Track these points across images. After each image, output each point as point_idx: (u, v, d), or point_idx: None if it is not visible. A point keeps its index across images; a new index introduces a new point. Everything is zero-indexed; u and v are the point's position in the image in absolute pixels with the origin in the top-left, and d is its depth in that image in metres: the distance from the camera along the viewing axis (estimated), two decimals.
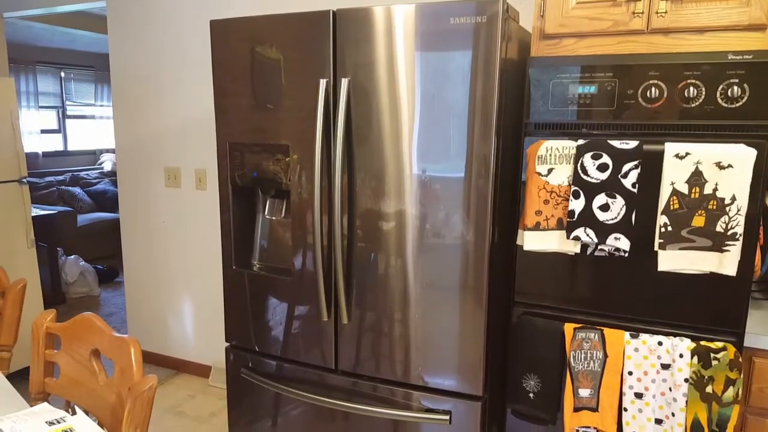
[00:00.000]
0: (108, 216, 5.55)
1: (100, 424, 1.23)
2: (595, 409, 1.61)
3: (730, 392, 1.46)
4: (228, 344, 1.96)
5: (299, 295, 1.79)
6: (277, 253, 1.94)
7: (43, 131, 6.34)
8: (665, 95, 1.42)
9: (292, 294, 1.81)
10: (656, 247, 1.48)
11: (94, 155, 7.00)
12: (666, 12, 1.47)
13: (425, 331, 1.64)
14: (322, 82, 1.62)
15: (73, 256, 4.46)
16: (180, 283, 3.16)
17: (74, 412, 1.13)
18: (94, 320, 1.29)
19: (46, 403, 1.17)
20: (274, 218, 1.94)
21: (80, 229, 5.12)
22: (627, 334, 1.54)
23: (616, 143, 1.47)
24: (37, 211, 4.04)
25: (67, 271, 4.32)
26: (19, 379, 1.51)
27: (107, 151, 7.02)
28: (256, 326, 1.89)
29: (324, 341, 1.78)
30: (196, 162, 2.96)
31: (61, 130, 6.61)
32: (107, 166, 6.73)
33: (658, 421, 1.55)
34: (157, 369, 3.28)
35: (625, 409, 1.57)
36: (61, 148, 6.61)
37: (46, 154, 6.34)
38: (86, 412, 1.27)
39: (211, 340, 3.12)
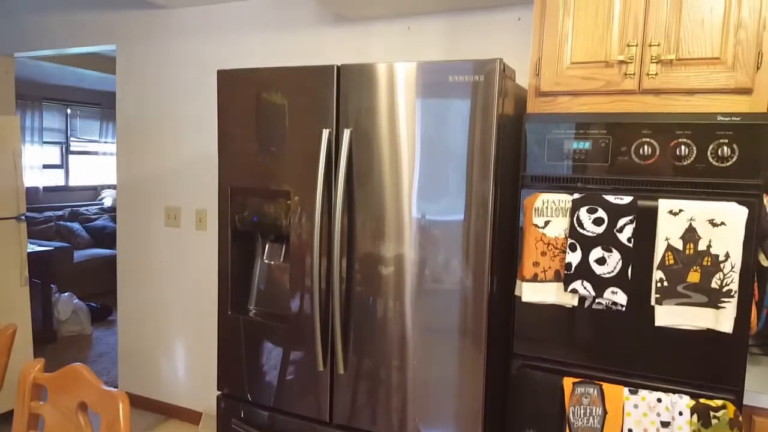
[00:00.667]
0: (105, 252, 5.52)
1: None
2: None
3: None
4: (220, 392, 1.92)
5: (295, 343, 1.77)
6: (274, 299, 1.92)
7: (45, 166, 6.37)
8: (658, 153, 1.44)
9: (288, 341, 1.78)
10: (653, 302, 1.47)
11: (95, 191, 7.02)
12: (657, 74, 1.50)
13: (423, 380, 1.62)
14: (325, 132, 1.64)
15: (66, 294, 4.41)
16: (174, 325, 3.12)
17: None
18: (83, 372, 1.27)
19: None
20: (272, 263, 1.93)
21: (76, 265, 5.09)
22: (626, 389, 1.52)
23: (611, 198, 1.48)
24: (33, 247, 4.02)
25: (60, 308, 4.26)
26: (2, 422, 1.46)
27: (108, 186, 7.04)
28: (249, 374, 1.86)
29: (319, 391, 1.75)
30: (197, 202, 2.97)
31: (63, 165, 6.64)
32: (107, 202, 6.74)
33: None
34: (145, 414, 3.21)
35: None
36: (62, 183, 6.63)
37: (46, 189, 6.36)
38: None
39: (203, 386, 3.06)
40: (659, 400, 1.48)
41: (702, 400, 1.45)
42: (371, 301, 1.66)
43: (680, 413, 1.46)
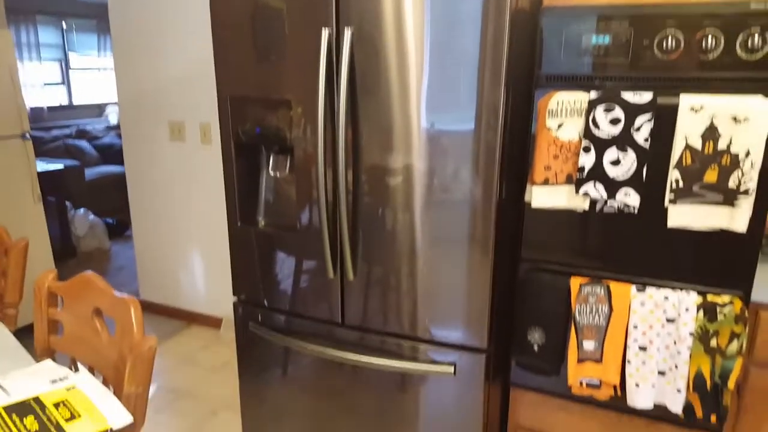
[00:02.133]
0: (116, 169, 5.47)
1: (105, 381, 1.21)
2: (599, 361, 1.59)
3: (734, 345, 1.43)
4: (236, 298, 1.93)
5: (305, 251, 1.75)
6: (282, 210, 1.88)
7: (47, 84, 6.17)
8: (682, 46, 1.33)
9: (298, 250, 1.76)
10: (666, 203, 1.42)
11: (99, 108, 6.84)
12: None
13: (431, 285, 1.60)
14: (324, 32, 1.52)
15: (82, 210, 4.41)
16: (189, 237, 3.12)
17: (77, 369, 1.09)
18: (95, 280, 1.25)
19: (49, 360, 1.15)
20: (278, 174, 1.87)
21: (88, 183, 5.05)
22: (633, 288, 1.50)
23: (630, 96, 1.38)
24: (43, 166, 3.97)
25: (77, 224, 4.28)
26: (27, 333, 1.47)
27: (113, 104, 6.86)
28: (263, 281, 1.85)
29: (331, 297, 1.74)
30: (201, 116, 2.87)
31: (65, 82, 6.43)
32: (113, 119, 6.61)
33: (662, 373, 1.53)
34: (169, 321, 3.29)
35: (629, 362, 1.55)
36: (65, 101, 6.46)
37: (51, 108, 6.20)
38: (91, 369, 1.25)
39: (222, 293, 3.11)
40: (666, 298, 1.47)
41: (709, 297, 1.43)
42: (379, 212, 1.61)
43: (686, 309, 1.44)
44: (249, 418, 2.02)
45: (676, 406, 1.53)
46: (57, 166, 4.20)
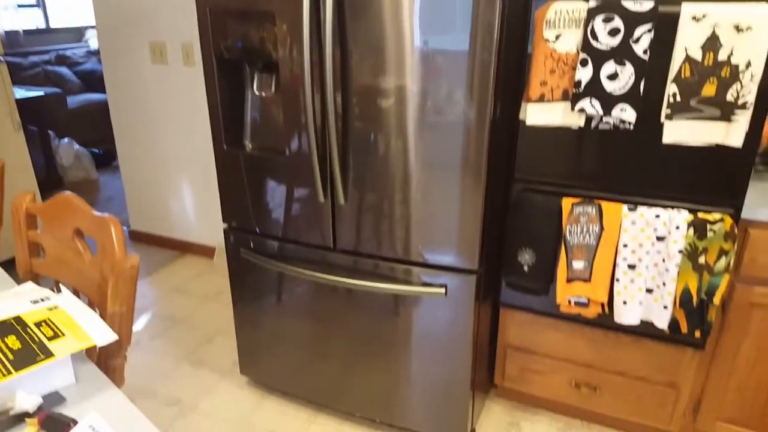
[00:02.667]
0: (99, 97, 5.29)
1: (90, 303, 1.20)
2: (587, 280, 1.60)
3: (722, 262, 1.44)
4: (226, 225, 1.90)
5: (295, 176, 1.71)
6: (269, 133, 1.83)
7: (20, 6, 5.85)
8: None
9: (288, 175, 1.72)
10: (663, 119, 1.38)
11: (79, 32, 6.53)
12: None
13: (423, 208, 1.58)
14: None
15: (66, 140, 4.30)
16: (177, 165, 3.06)
17: (59, 290, 1.08)
18: (73, 200, 1.22)
19: (30, 282, 1.12)
20: (263, 94, 1.79)
21: (71, 111, 4.90)
22: (625, 207, 1.49)
23: (630, 4, 1.31)
24: (22, 93, 3.83)
25: (62, 154, 4.19)
26: (12, 265, 1.45)
27: (92, 27, 6.54)
28: (253, 207, 1.83)
29: (322, 222, 1.73)
30: (183, 35, 2.74)
31: (39, 4, 6.10)
32: (93, 44, 6.32)
33: (649, 291, 1.54)
34: (161, 251, 3.29)
35: (617, 280, 1.56)
36: (42, 24, 6.15)
37: (27, 32, 5.91)
38: (76, 292, 1.23)
39: (214, 222, 3.09)
40: (657, 216, 1.46)
41: (700, 215, 1.42)
42: (370, 136, 1.56)
43: (677, 227, 1.44)
44: (244, 342, 2.06)
45: (662, 323, 1.55)
46: (37, 93, 4.05)
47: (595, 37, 1.35)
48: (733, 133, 1.33)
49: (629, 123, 1.42)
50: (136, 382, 2.17)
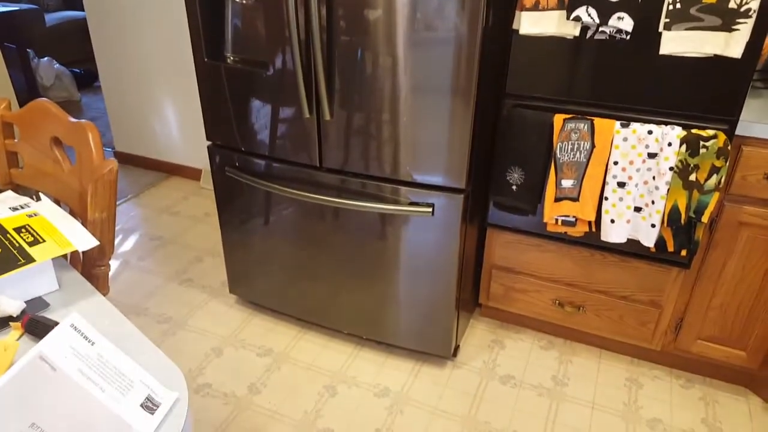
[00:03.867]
0: (79, 15, 5.11)
1: (72, 212, 1.20)
2: (576, 199, 1.61)
3: (713, 180, 1.44)
4: (210, 143, 1.89)
5: (279, 91, 1.68)
6: (252, 44, 1.77)
7: None
8: None
9: (272, 90, 1.69)
10: (661, 28, 1.34)
11: None
12: None
13: (410, 126, 1.57)
14: None
15: (46, 59, 4.19)
16: (160, 83, 2.99)
17: (38, 199, 1.08)
18: (49, 106, 1.20)
19: (9, 191, 1.13)
20: (245, 1, 1.72)
21: (49, 29, 4.74)
22: (618, 123, 1.48)
23: None
24: None
25: (42, 74, 4.09)
26: None
27: None
28: (237, 124, 1.81)
29: (308, 139, 1.71)
30: None
31: None
32: None
33: (638, 209, 1.56)
34: (147, 173, 3.28)
35: (606, 198, 1.57)
36: None
37: None
38: (57, 201, 1.24)
39: (200, 143, 3.06)
40: (650, 132, 1.45)
41: (694, 131, 1.41)
42: (357, 51, 1.51)
43: (669, 144, 1.43)
44: (233, 262, 2.09)
45: (649, 241, 1.58)
46: (12, 8, 3.90)
47: None
48: (733, 44, 1.30)
49: (626, 33, 1.38)
50: (125, 300, 2.23)
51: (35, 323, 0.87)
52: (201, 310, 2.17)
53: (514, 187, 1.70)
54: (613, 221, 1.59)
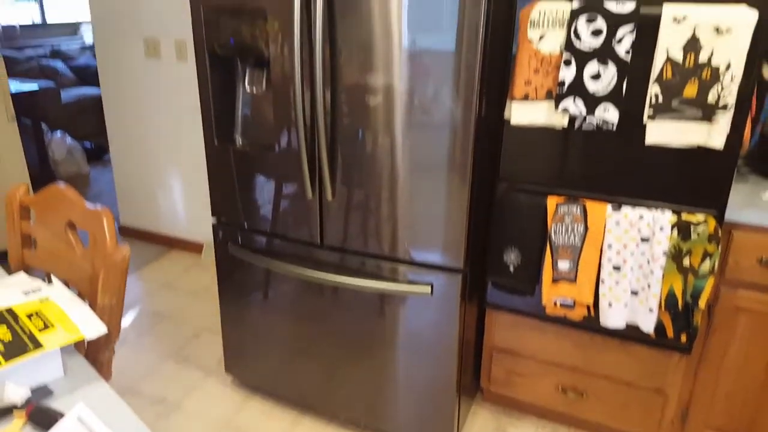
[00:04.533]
0: (93, 91, 5.41)
1: (80, 294, 1.28)
2: (573, 281, 1.67)
3: (707, 265, 1.50)
4: (215, 220, 1.99)
5: (284, 172, 1.80)
6: (260, 129, 1.91)
7: (18, 0, 6.00)
8: None
9: (277, 170, 1.81)
10: (645, 119, 1.45)
11: (74, 27, 6.68)
12: None
13: (409, 207, 1.66)
14: None
15: (59, 133, 4.41)
16: (168, 160, 3.16)
17: (50, 281, 1.16)
18: (67, 192, 1.30)
19: (22, 272, 1.21)
20: (255, 90, 1.89)
21: (65, 105, 5.01)
22: (609, 207, 1.56)
23: (612, 5, 1.39)
24: (17, 86, 3.94)
25: (54, 148, 4.29)
26: (3, 258, 1.54)
27: (88, 22, 6.69)
28: (242, 202, 1.91)
29: (310, 218, 1.81)
30: (176, 32, 2.84)
31: None
32: (88, 39, 6.46)
33: (634, 293, 1.61)
34: (149, 246, 3.38)
35: (603, 281, 1.63)
36: (38, 20, 6.30)
37: (24, 27, 6.06)
38: (66, 284, 1.32)
39: (202, 217, 3.18)
40: (641, 217, 1.53)
41: (684, 216, 1.49)
42: (358, 133, 1.64)
43: (661, 228, 1.51)
44: (230, 340, 2.14)
45: (648, 326, 1.62)
46: (31, 86, 4.16)
47: (578, 37, 1.43)
48: (714, 135, 1.41)
49: (612, 124, 1.49)
50: (121, 380, 2.25)
51: (39, 413, 0.89)
52: (197, 391, 2.20)
53: (511, 268, 1.77)
54: (610, 305, 1.64)
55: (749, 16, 1.28)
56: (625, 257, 1.58)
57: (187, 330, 2.59)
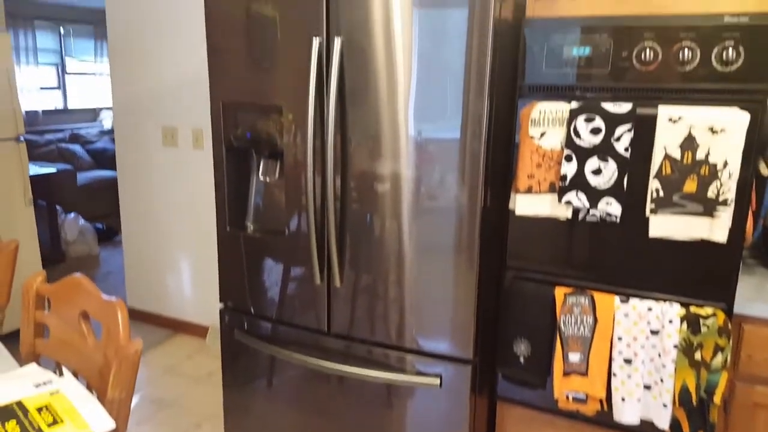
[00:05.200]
0: (108, 174, 5.62)
1: (89, 386, 1.29)
2: (584, 374, 1.66)
3: (719, 359, 1.50)
4: (222, 305, 2.02)
5: (293, 257, 1.84)
6: (271, 215, 1.98)
7: (43, 88, 6.36)
8: (660, 58, 1.42)
9: (286, 256, 1.86)
10: (648, 213, 1.50)
11: (94, 113, 7.02)
12: None
13: (418, 293, 1.69)
14: (315, 41, 1.63)
15: (72, 215, 4.55)
16: (178, 243, 3.23)
17: (61, 373, 1.19)
18: (83, 282, 1.34)
19: (34, 364, 1.23)
20: (268, 179, 1.97)
21: (80, 187, 5.20)
22: (617, 298, 1.58)
23: (610, 106, 1.47)
24: (36, 169, 4.11)
25: (67, 229, 4.41)
26: (13, 339, 1.57)
27: (107, 108, 7.04)
28: (250, 288, 1.95)
29: (317, 304, 1.83)
30: (193, 121, 2.99)
31: (60, 87, 6.63)
32: (107, 124, 6.77)
33: (647, 387, 1.60)
34: (155, 329, 3.39)
35: (614, 375, 1.62)
36: (60, 105, 6.64)
37: (45, 112, 6.38)
38: (75, 374, 1.34)
39: (209, 301, 3.21)
40: (650, 309, 1.55)
41: (692, 309, 1.50)
42: (367, 218, 1.71)
43: (670, 321, 1.52)
44: (233, 430, 2.11)
45: (663, 422, 1.59)
46: (50, 170, 4.34)
47: (578, 135, 1.51)
48: (716, 229, 1.45)
49: (615, 216, 1.55)
50: None
51: None
52: None
53: (521, 359, 1.77)
54: (623, 399, 1.62)
55: (741, 118, 1.36)
56: (636, 350, 1.58)
57: (189, 419, 2.55)
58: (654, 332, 1.56)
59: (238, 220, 1.99)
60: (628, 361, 1.60)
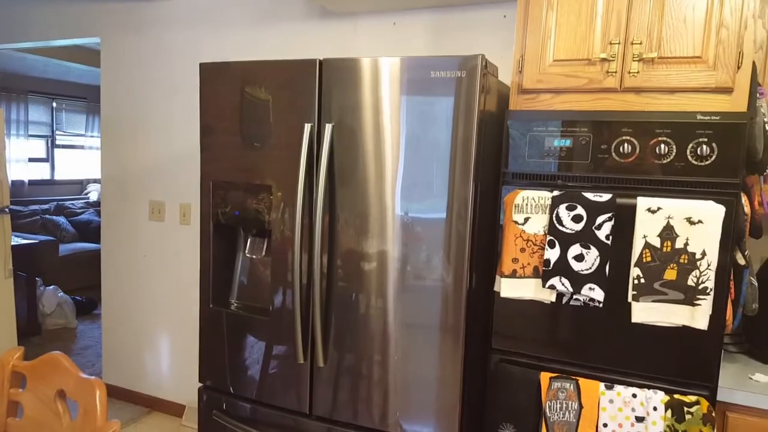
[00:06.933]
0: (90, 246, 5.52)
1: None
2: None
3: None
4: (201, 384, 1.94)
5: (276, 336, 1.79)
6: (255, 292, 1.94)
7: (31, 159, 6.34)
8: (637, 151, 1.47)
9: (269, 334, 1.80)
10: (630, 299, 1.50)
11: (80, 185, 6.99)
12: (638, 72, 1.53)
13: (402, 375, 1.64)
14: (307, 127, 1.66)
15: (52, 287, 4.41)
16: (158, 319, 3.13)
17: None
18: (62, 360, 1.28)
19: None
20: (254, 257, 1.95)
21: (62, 258, 5.07)
22: (602, 385, 1.55)
23: (591, 195, 1.51)
24: (18, 240, 4.02)
25: (45, 302, 4.26)
26: None
27: (94, 181, 7.03)
28: (231, 367, 1.88)
29: (299, 384, 1.77)
30: (181, 197, 2.98)
31: (49, 159, 6.62)
32: (93, 196, 6.73)
33: None
34: (129, 406, 3.22)
35: None
36: (48, 176, 6.61)
37: (32, 182, 6.33)
38: None
39: (186, 378, 3.07)
40: (634, 396, 1.52)
41: (676, 396, 1.48)
42: (352, 297, 1.68)
43: (655, 408, 1.49)
44: None
45: None
46: (32, 241, 4.25)
47: (560, 222, 1.54)
48: (697, 317, 1.45)
49: (598, 301, 1.55)
50: None
51: None
52: None
53: None
54: None
55: (717, 210, 1.39)
56: None
57: None
58: (639, 419, 1.52)
59: (222, 297, 1.94)
60: None
